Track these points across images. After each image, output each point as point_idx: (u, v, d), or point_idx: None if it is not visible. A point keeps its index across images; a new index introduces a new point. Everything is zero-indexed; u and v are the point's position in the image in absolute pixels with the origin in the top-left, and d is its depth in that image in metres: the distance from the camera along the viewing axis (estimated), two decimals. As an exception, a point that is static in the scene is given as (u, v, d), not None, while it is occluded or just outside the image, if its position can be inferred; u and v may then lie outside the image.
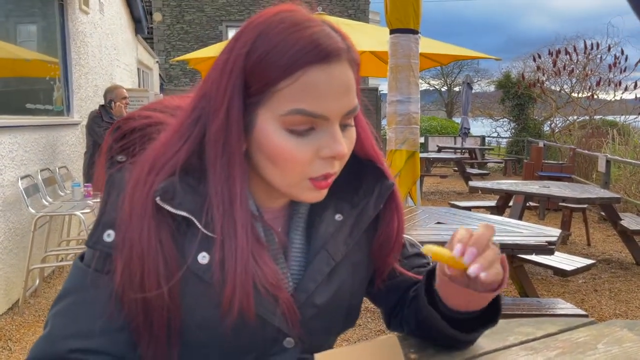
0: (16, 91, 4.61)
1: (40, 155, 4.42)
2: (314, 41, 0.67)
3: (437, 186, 10.56)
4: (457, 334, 0.82)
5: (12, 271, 3.80)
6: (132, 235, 0.68)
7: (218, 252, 0.70)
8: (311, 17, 0.70)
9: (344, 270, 0.83)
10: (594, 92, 11.71)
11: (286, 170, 0.71)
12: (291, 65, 0.67)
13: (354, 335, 3.30)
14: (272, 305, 0.73)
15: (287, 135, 0.69)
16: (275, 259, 0.77)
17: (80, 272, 0.72)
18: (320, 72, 0.67)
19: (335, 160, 0.72)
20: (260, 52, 0.68)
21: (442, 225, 3.23)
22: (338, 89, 0.69)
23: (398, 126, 4.03)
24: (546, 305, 2.92)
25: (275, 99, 0.68)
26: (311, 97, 0.68)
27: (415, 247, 0.97)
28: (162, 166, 0.70)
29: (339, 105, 0.70)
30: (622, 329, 0.96)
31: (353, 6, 18.46)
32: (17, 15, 4.76)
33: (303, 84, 0.67)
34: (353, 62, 0.72)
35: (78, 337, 0.70)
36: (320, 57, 0.67)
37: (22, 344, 3.23)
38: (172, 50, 17.81)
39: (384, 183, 0.84)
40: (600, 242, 5.88)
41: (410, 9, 3.88)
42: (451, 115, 29.53)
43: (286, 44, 0.67)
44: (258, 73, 0.68)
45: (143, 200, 0.69)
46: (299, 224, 0.82)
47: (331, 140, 0.70)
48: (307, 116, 0.68)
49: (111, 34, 7.37)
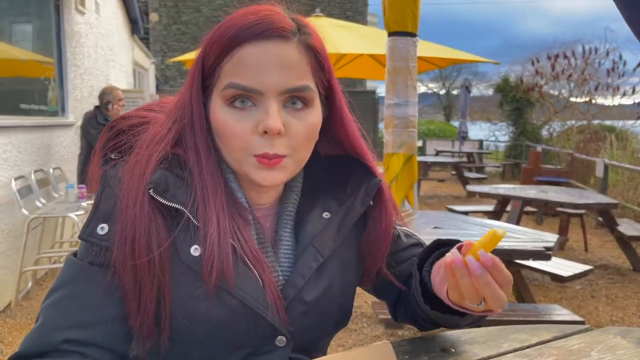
0: (11, 91, 4.58)
1: (34, 156, 4.39)
2: (255, 21, 0.72)
3: (435, 190, 10.55)
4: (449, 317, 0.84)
5: (4, 273, 3.76)
6: (127, 212, 0.72)
7: (202, 223, 0.73)
8: (271, 7, 0.75)
9: (333, 268, 0.84)
10: (592, 96, 11.73)
11: (231, 146, 0.75)
12: (229, 43, 0.73)
13: (349, 340, 3.28)
14: (255, 282, 0.75)
15: (229, 109, 0.74)
16: (265, 254, 0.79)
17: (74, 266, 0.74)
18: (254, 49, 0.72)
19: (276, 140, 0.73)
20: (214, 38, 0.75)
21: (439, 230, 3.21)
22: (273, 65, 0.72)
23: (395, 129, 4.01)
24: (543, 311, 2.91)
25: (220, 78, 0.75)
26: (244, 71, 0.72)
27: (411, 237, 0.98)
28: (151, 155, 0.75)
29: (273, 81, 0.72)
30: (615, 336, 0.97)
31: (351, 8, 18.51)
32: (13, 14, 4.74)
33: (237, 59, 0.73)
34: (308, 46, 0.75)
35: (71, 328, 0.70)
36: (254, 34, 0.72)
37: (14, 347, 3.19)
38: (168, 51, 17.79)
39: (371, 181, 0.85)
40: (598, 247, 5.87)
41: (409, 12, 3.86)
42: (449, 118, 29.59)
43: (232, 27, 0.73)
44: (209, 57, 0.75)
45: (137, 188, 0.72)
46: (287, 221, 0.83)
47: (264, 115, 0.72)
48: (240, 89, 0.72)
49: (107, 34, 7.35)
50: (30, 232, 3.79)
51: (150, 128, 0.79)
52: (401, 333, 3.34)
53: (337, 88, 0.81)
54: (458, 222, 3.48)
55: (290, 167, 0.76)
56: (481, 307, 0.75)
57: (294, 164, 0.77)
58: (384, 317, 3.00)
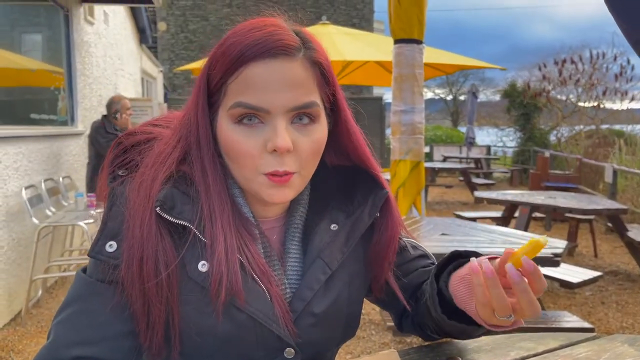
0: (21, 101, 4.64)
1: (44, 165, 4.43)
2: (260, 39, 0.72)
3: (443, 196, 10.52)
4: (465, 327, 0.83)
5: (15, 282, 3.79)
6: (134, 232, 0.72)
7: (209, 241, 0.73)
8: (274, 22, 0.75)
9: (342, 280, 0.84)
10: (601, 101, 11.67)
11: (240, 164, 0.75)
12: (235, 61, 0.72)
13: (357, 347, 3.27)
14: (263, 296, 0.75)
15: (237, 127, 0.74)
16: (272, 267, 0.79)
17: (83, 282, 0.75)
18: (261, 67, 0.72)
19: (285, 157, 0.73)
20: (217, 55, 0.75)
21: (447, 236, 3.20)
22: (279, 84, 0.72)
23: (402, 136, 4.01)
24: (552, 318, 2.89)
25: (226, 96, 0.74)
26: (250, 90, 0.72)
27: (418, 249, 0.99)
28: (157, 174, 0.75)
29: (281, 99, 0.72)
30: (623, 344, 0.97)
31: (357, 15, 18.54)
32: (23, 25, 4.80)
33: (244, 78, 0.72)
34: (313, 62, 0.75)
35: (81, 345, 0.71)
36: (261, 53, 0.71)
37: (25, 355, 3.21)
38: (176, 60, 17.90)
39: (378, 192, 0.85)
40: (607, 253, 5.82)
41: (415, 19, 3.87)
42: (457, 124, 29.54)
43: (235, 44, 0.73)
44: (214, 74, 0.75)
45: (143, 208, 0.72)
46: (295, 234, 0.83)
47: (273, 133, 0.72)
48: (248, 108, 0.72)
49: (116, 44, 7.42)
50: (40, 240, 3.83)
51: (155, 145, 0.80)
52: (409, 340, 3.33)
53: (342, 100, 0.81)
54: (466, 229, 3.47)
55: (298, 183, 0.77)
56: (511, 319, 0.74)
57: (301, 180, 0.77)
58: (392, 325, 3.00)
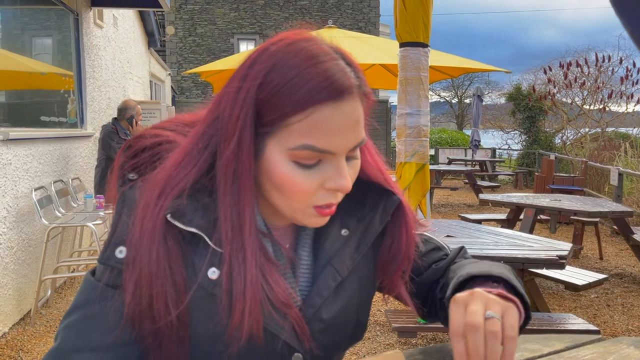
0: (31, 103, 4.69)
1: (53, 166, 4.48)
2: (328, 78, 0.68)
3: (448, 199, 10.52)
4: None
5: (24, 282, 3.84)
6: (142, 260, 0.69)
7: (227, 268, 0.71)
8: (326, 50, 0.71)
9: (352, 285, 0.83)
10: (606, 104, 11.63)
11: (292, 199, 0.73)
12: (304, 102, 0.67)
13: (362, 348, 3.29)
14: (281, 321, 0.74)
15: (294, 166, 0.71)
16: (284, 275, 0.78)
17: (91, 287, 0.74)
18: (331, 110, 0.68)
19: (339, 192, 0.74)
20: (274, 85, 0.68)
21: (452, 238, 3.22)
22: (347, 126, 0.70)
23: (407, 139, 4.03)
24: (557, 320, 2.90)
25: (286, 132, 0.69)
26: (321, 134, 0.68)
27: (430, 242, 0.96)
28: (172, 188, 0.72)
29: (347, 141, 0.71)
30: (629, 346, 0.95)
31: (363, 19, 18.58)
32: (33, 28, 4.85)
33: (313, 121, 0.68)
34: (364, 96, 0.73)
35: (86, 350, 0.70)
36: (332, 95, 0.68)
37: (33, 354, 3.25)
38: (184, 63, 17.99)
39: (390, 198, 0.84)
40: (613, 256, 5.82)
41: (420, 23, 3.89)
42: (462, 127, 29.44)
43: (300, 80, 0.67)
44: (270, 106, 0.69)
45: (153, 224, 0.70)
46: (306, 240, 0.83)
47: (336, 175, 0.72)
48: (316, 152, 0.69)
49: (124, 47, 7.47)
50: (49, 241, 3.86)
51: (170, 155, 0.76)
52: (414, 341, 3.35)
53: (367, 123, 0.78)
54: (471, 231, 3.48)
55: None
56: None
57: None
58: (398, 326, 3.02)
